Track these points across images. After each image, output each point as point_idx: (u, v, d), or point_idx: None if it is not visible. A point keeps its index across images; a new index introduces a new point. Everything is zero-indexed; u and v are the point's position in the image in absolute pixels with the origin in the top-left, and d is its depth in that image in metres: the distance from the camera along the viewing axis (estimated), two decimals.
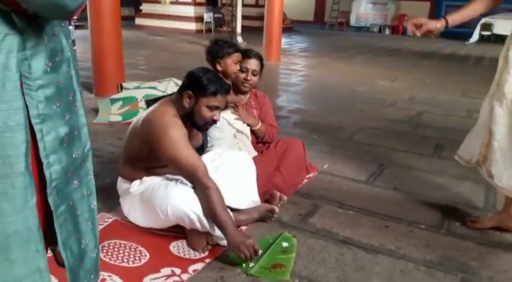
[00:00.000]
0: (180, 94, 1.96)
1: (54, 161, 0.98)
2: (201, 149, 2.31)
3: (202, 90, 1.91)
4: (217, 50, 2.37)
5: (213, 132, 2.38)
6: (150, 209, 1.95)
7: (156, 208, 1.91)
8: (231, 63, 2.38)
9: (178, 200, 1.85)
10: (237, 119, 2.44)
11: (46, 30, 0.93)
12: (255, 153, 2.54)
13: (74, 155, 1.04)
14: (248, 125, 2.52)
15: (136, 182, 2.02)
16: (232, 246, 1.79)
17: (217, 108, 1.96)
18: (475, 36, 14.54)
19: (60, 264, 1.09)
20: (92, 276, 1.18)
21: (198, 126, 2.01)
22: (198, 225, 1.87)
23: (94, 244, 1.18)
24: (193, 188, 1.90)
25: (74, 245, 1.08)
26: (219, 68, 2.37)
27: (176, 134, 1.87)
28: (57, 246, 1.06)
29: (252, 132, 2.56)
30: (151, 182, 2.00)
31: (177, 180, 1.96)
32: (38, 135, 0.94)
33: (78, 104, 1.06)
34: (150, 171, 2.03)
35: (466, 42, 14.33)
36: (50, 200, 0.98)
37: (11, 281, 0.93)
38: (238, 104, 2.48)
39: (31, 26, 0.89)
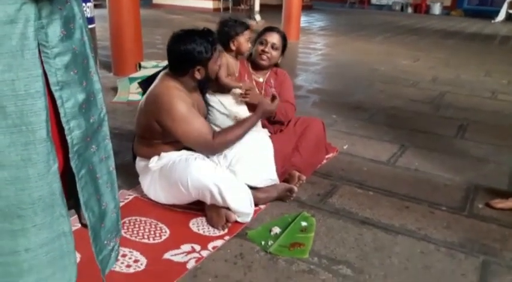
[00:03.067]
0: (183, 72, 1.96)
1: (74, 126, 1.00)
2: None
3: (206, 58, 1.94)
4: (229, 30, 2.28)
5: (213, 114, 2.27)
6: (171, 184, 1.97)
7: (176, 182, 1.92)
8: (244, 42, 2.30)
9: (199, 172, 1.87)
10: (242, 100, 2.27)
11: None
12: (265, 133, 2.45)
13: (91, 120, 1.07)
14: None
15: (154, 158, 2.04)
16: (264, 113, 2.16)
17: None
18: (502, 15, 14.03)
19: (84, 225, 1.12)
20: (113, 235, 1.22)
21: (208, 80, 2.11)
22: (218, 197, 1.88)
23: (114, 205, 1.21)
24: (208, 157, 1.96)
25: (95, 206, 1.11)
26: (232, 47, 2.29)
27: (183, 108, 1.91)
28: (79, 209, 1.09)
29: None
30: (170, 157, 2.01)
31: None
32: (58, 102, 0.96)
33: (92, 70, 1.08)
34: (166, 145, 2.04)
35: (492, 21, 13.86)
36: (72, 163, 1.01)
37: (39, 245, 0.96)
38: (248, 87, 2.29)
39: None
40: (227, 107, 2.26)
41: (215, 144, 1.98)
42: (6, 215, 0.92)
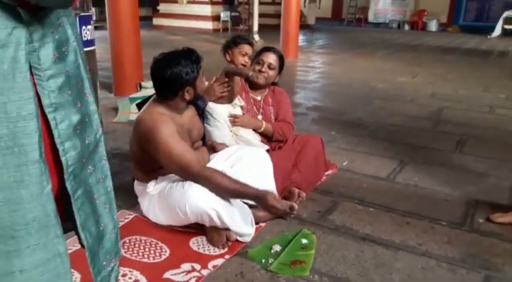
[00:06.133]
0: (172, 96, 1.96)
1: (69, 147, 1.01)
2: (202, 140, 2.31)
3: (193, 78, 1.93)
4: (229, 41, 2.43)
5: (212, 129, 2.37)
6: (169, 208, 1.96)
7: (175, 207, 1.92)
8: (238, 54, 2.40)
9: (197, 198, 1.85)
10: (236, 125, 2.41)
11: (51, 21, 0.96)
12: (266, 147, 2.50)
13: (86, 141, 1.07)
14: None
15: (151, 183, 2.05)
16: (266, 207, 1.91)
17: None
18: (498, 30, 14.19)
19: (83, 246, 1.12)
20: (112, 256, 1.21)
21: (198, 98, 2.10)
22: (217, 221, 1.87)
23: (113, 225, 1.21)
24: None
25: (92, 227, 1.11)
26: (228, 58, 2.40)
27: (166, 132, 1.87)
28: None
29: (261, 133, 2.51)
30: (167, 181, 2.01)
31: None
32: (52, 124, 0.97)
33: (87, 91, 1.08)
34: (161, 170, 2.02)
35: (489, 36, 14.00)
36: (68, 185, 1.01)
37: (34, 266, 0.95)
38: (237, 115, 2.42)
39: (36, 18, 0.91)
40: (227, 122, 2.38)
41: (201, 175, 1.86)
42: (0, 236, 0.92)
